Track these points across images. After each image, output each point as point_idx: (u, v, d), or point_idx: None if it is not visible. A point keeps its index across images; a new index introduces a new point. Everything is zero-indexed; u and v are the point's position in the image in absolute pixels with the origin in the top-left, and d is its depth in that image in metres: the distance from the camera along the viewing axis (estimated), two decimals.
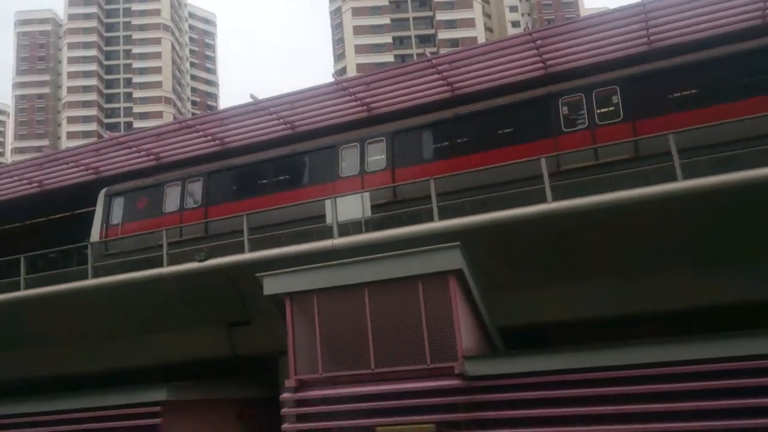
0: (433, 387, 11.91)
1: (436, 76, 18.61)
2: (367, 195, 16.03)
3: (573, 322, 15.49)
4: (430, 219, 14.98)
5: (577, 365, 11.41)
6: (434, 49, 78.07)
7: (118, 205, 21.69)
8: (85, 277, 18.57)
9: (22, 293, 18.85)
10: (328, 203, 16.23)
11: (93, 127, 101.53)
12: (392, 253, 12.94)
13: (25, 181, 24.34)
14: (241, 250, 16.81)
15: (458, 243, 12.23)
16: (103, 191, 22.24)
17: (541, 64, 18.25)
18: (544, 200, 14.10)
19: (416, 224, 15.13)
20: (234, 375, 19.83)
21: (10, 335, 19.84)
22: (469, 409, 11.86)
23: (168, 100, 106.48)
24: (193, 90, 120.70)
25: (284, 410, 13.52)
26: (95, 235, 21.51)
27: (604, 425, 10.90)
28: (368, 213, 15.79)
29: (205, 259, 17.12)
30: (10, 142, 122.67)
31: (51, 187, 24.36)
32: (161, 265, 17.67)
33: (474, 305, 13.10)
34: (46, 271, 19.57)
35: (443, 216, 14.89)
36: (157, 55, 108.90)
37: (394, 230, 15.12)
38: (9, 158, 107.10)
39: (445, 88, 19.02)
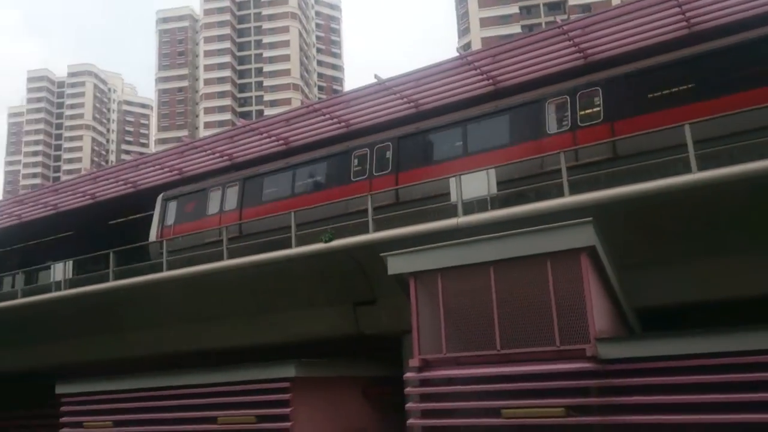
0: (563, 370, 11.37)
1: (567, 43, 17.67)
2: (492, 172, 15.50)
3: (718, 301, 14.24)
4: (560, 194, 14.25)
5: (721, 349, 10.50)
6: (564, 17, 74.85)
7: (172, 209, 23.76)
8: None
9: (165, 274, 19.92)
10: (452, 181, 15.88)
11: (228, 116, 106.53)
12: (519, 230, 12.47)
13: (166, 169, 25.74)
14: (366, 231, 16.82)
15: (590, 218, 11.53)
16: (160, 196, 24.41)
17: (684, 23, 16.81)
18: (687, 171, 12.97)
19: (545, 200, 14.43)
20: (359, 353, 20.04)
21: (155, 313, 21.11)
22: (602, 394, 11.26)
23: (296, 87, 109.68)
24: (320, 75, 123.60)
25: (408, 389, 13.44)
26: (153, 234, 23.78)
27: (750, 413, 9.94)
28: (494, 190, 15.28)
29: (331, 240, 17.27)
30: (154, 133, 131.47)
31: (190, 174, 25.58)
32: (289, 247, 18.03)
33: (607, 284, 12.36)
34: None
35: (574, 191, 14.12)
36: (286, 44, 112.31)
37: (522, 207, 14.51)
38: (153, 149, 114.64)
39: (577, 55, 18.04)
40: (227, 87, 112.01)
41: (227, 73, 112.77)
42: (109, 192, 27.10)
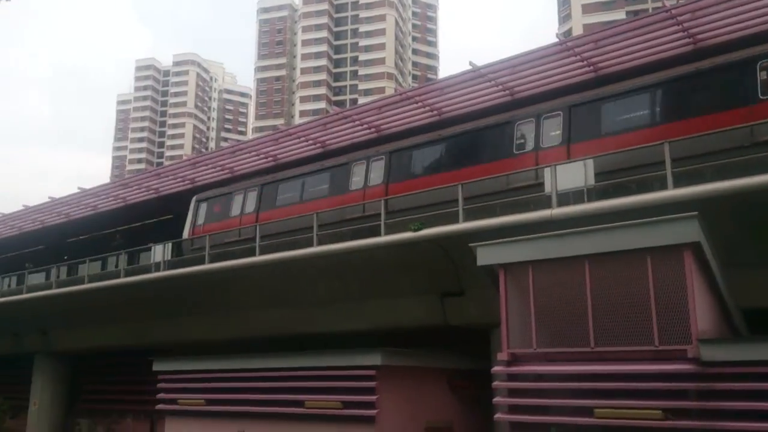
0: (661, 371, 10.77)
1: (676, 27, 16.66)
2: (590, 162, 14.85)
3: None
4: (663, 187, 13.48)
5: None
6: (673, 0, 70.99)
7: (202, 210, 25.90)
8: None
9: (256, 258, 20.30)
10: (547, 171, 15.34)
11: (322, 105, 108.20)
12: (617, 223, 11.88)
13: (261, 156, 26.26)
14: (455, 221, 16.53)
15: (696, 213, 10.81)
16: (193, 198, 26.56)
17: None
18: None
19: (647, 192, 13.68)
20: (445, 345, 19.82)
21: (247, 297, 21.65)
22: (702, 398, 10.59)
23: (390, 76, 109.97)
24: (414, 64, 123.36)
25: (496, 383, 13.13)
26: (186, 233, 25.82)
27: None
28: (591, 181, 14.64)
29: (420, 229, 17.08)
30: (251, 122, 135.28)
31: (284, 161, 25.98)
32: (378, 235, 17.98)
33: (712, 283, 11.62)
34: None
35: (678, 183, 13.32)
36: (382, 32, 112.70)
37: (622, 199, 13.80)
38: (250, 137, 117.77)
39: (687, 40, 16.98)
40: (323, 76, 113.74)
41: (323, 62, 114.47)
42: (207, 177, 27.91)
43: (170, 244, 24.25)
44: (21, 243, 36.94)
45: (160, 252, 24.20)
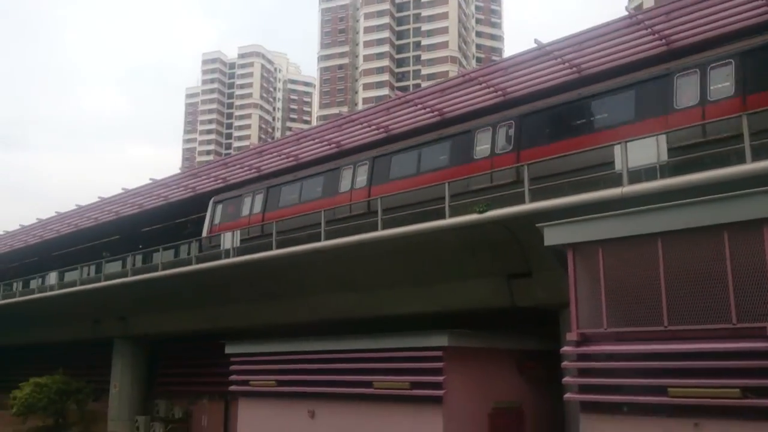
0: (739, 348, 10.46)
1: None
2: (663, 137, 14.37)
3: None
4: (741, 161, 12.93)
5: None
6: None
7: (219, 210, 28.06)
8: None
9: (321, 244, 20.54)
10: (617, 148, 14.92)
11: (385, 91, 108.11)
12: (692, 200, 11.51)
13: (325, 143, 26.49)
14: (521, 202, 16.30)
15: None
16: (211, 200, 28.63)
17: None
18: None
19: (724, 167, 13.13)
20: (513, 326, 19.66)
21: (314, 281, 21.98)
22: None
23: (454, 60, 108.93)
24: (478, 47, 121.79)
25: (565, 364, 12.97)
26: (204, 231, 27.90)
27: None
28: (664, 157, 14.17)
29: (485, 210, 16.93)
30: (315, 111, 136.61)
31: (347, 147, 26.13)
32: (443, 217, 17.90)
33: None
34: None
35: (757, 157, 12.75)
36: (444, 16, 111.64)
37: (697, 174, 13.27)
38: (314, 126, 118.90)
39: (766, 8, 16.19)
40: (385, 62, 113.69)
41: (386, 48, 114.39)
42: (273, 165, 28.37)
43: (238, 232, 24.81)
44: (98, 233, 38.50)
45: (228, 239, 24.81)
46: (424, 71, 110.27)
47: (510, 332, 19.08)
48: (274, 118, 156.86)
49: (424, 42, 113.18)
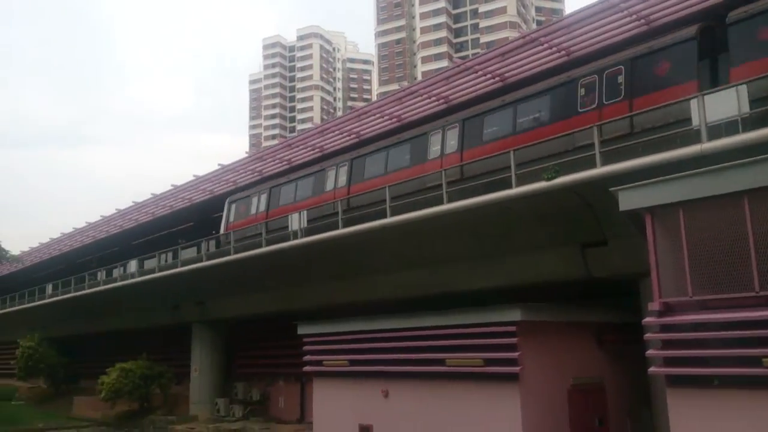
0: None
1: None
2: (744, 88, 13.28)
3: None
4: None
5: None
6: None
7: (233, 209, 30.50)
8: None
9: (387, 220, 20.17)
10: (693, 103, 13.92)
11: (445, 63, 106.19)
12: None
13: (386, 117, 26.08)
14: (592, 166, 15.47)
15: None
16: (227, 199, 31.13)
17: None
18: None
19: None
20: (590, 298, 18.90)
21: (381, 259, 21.72)
22: None
23: (513, 25, 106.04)
24: (538, 9, 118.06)
25: (648, 335, 12.28)
26: (222, 229, 30.50)
27: None
28: (746, 109, 13.11)
29: (554, 177, 16.18)
30: (375, 88, 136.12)
31: (408, 121, 25.63)
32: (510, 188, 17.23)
33: None
34: None
35: None
36: None
37: None
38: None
39: None
40: (443, 33, 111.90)
41: (442, 18, 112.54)
42: (335, 143, 28.19)
43: (305, 212, 24.76)
44: (173, 221, 39.51)
45: (296, 220, 24.80)
46: (483, 39, 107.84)
47: (588, 304, 18.33)
48: (335, 98, 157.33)
49: (482, 9, 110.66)
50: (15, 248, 58.34)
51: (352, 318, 21.67)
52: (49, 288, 45.24)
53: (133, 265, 35.44)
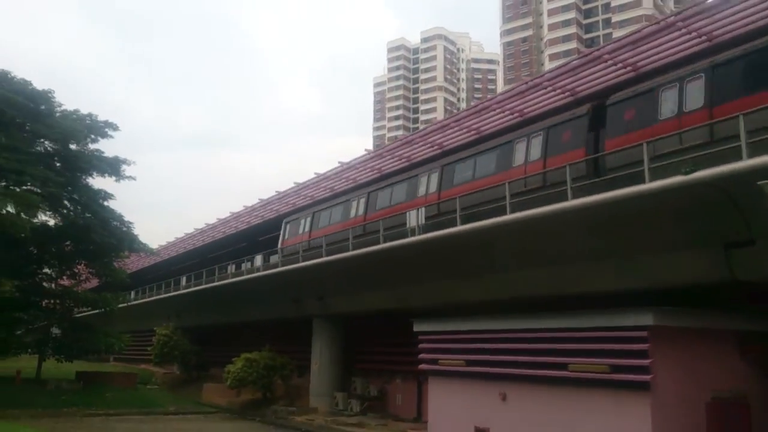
0: None
1: None
2: None
3: None
4: None
5: None
6: None
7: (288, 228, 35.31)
8: None
9: (505, 218, 19.32)
10: None
11: None
12: None
13: (507, 112, 25.23)
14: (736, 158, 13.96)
15: None
16: (284, 220, 36.10)
17: None
18: None
19: None
20: (734, 303, 17.19)
21: (500, 257, 20.89)
22: None
23: (649, 19, 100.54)
24: (677, 1, 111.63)
25: None
26: (279, 244, 35.77)
27: None
28: None
29: (692, 171, 14.79)
30: (500, 88, 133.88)
31: (531, 115, 24.65)
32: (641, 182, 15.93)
33: None
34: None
35: None
36: None
37: None
38: None
39: None
40: (572, 29, 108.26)
41: (572, 14, 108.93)
42: (454, 140, 27.64)
43: (423, 209, 24.40)
44: None
45: (414, 217, 24.51)
46: (616, 34, 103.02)
47: (728, 310, 16.68)
48: (458, 99, 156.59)
49: (614, 2, 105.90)
50: (157, 242, 62.55)
51: (468, 317, 21.03)
52: (183, 280, 47.73)
53: (258, 260, 36.58)
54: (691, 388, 15.28)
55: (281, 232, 35.96)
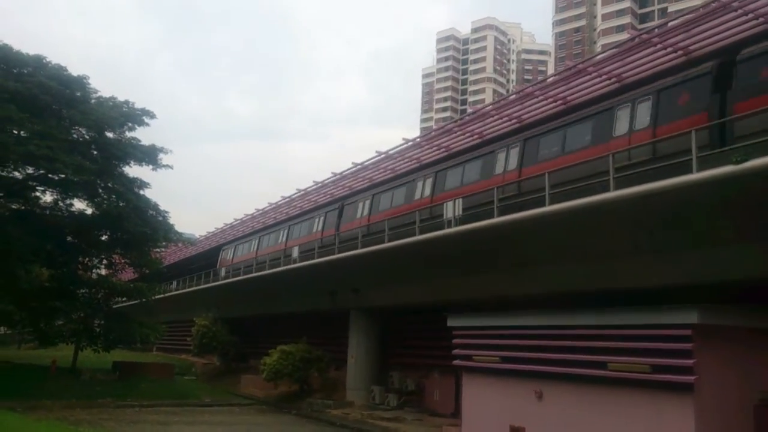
0: None
1: None
2: None
3: None
4: None
5: None
6: None
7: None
8: None
9: (548, 209, 18.43)
10: None
11: None
12: None
13: (550, 100, 24.23)
14: None
15: None
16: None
17: None
18: None
19: None
20: None
21: (540, 251, 20.07)
22: None
23: (707, 7, 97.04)
24: None
25: None
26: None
27: None
28: None
29: (745, 160, 13.74)
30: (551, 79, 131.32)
31: (575, 103, 23.59)
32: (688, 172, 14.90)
33: None
34: None
35: None
36: None
37: None
38: None
39: None
40: (626, 19, 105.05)
41: (627, 3, 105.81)
42: (495, 129, 26.75)
43: (460, 200, 23.68)
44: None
45: (450, 208, 23.83)
46: (672, 23, 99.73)
47: None
48: (507, 91, 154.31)
49: None
50: (200, 231, 63.25)
51: (504, 312, 20.28)
52: (222, 271, 47.93)
53: (295, 251, 36.36)
54: (738, 391, 14.31)
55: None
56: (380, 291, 29.71)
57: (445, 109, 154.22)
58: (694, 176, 14.63)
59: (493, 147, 24.73)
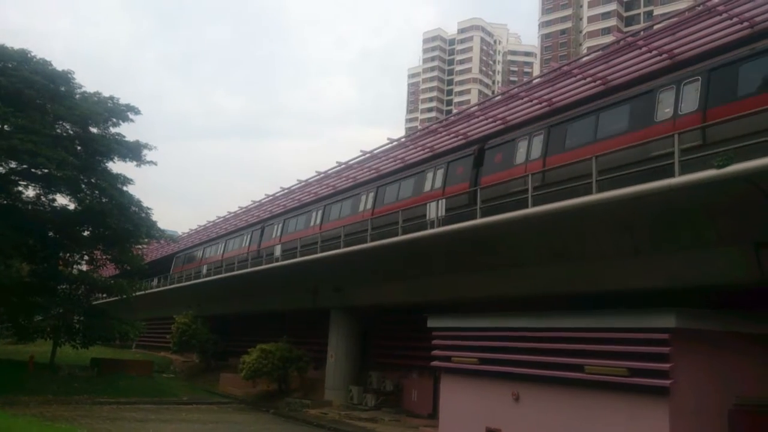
0: None
1: None
2: None
3: None
4: None
5: None
6: None
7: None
8: None
9: (529, 211, 18.33)
10: None
11: None
12: None
13: (535, 101, 24.19)
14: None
15: None
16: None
17: None
18: None
19: None
20: (761, 307, 16.07)
21: (520, 252, 20.02)
22: None
23: (692, 10, 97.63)
24: None
25: None
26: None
27: None
28: None
29: (727, 165, 13.74)
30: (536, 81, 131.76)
31: (559, 105, 23.55)
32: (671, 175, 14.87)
33: None
34: None
35: None
36: None
37: None
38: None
39: None
40: (612, 22, 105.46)
41: (613, 6, 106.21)
42: (480, 130, 26.65)
43: (443, 200, 23.59)
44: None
45: (433, 209, 23.73)
46: (659, 26, 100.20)
47: (756, 314, 15.60)
48: (493, 91, 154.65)
49: None
50: (182, 229, 62.62)
51: (483, 314, 20.21)
52: (204, 269, 47.53)
53: (278, 250, 36.09)
54: (714, 395, 14.34)
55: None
56: (362, 290, 29.58)
57: (430, 110, 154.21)
58: (676, 180, 14.61)
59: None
